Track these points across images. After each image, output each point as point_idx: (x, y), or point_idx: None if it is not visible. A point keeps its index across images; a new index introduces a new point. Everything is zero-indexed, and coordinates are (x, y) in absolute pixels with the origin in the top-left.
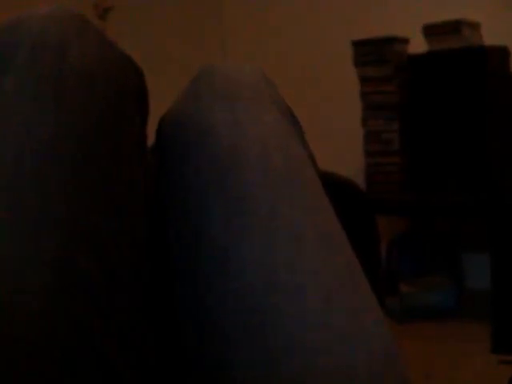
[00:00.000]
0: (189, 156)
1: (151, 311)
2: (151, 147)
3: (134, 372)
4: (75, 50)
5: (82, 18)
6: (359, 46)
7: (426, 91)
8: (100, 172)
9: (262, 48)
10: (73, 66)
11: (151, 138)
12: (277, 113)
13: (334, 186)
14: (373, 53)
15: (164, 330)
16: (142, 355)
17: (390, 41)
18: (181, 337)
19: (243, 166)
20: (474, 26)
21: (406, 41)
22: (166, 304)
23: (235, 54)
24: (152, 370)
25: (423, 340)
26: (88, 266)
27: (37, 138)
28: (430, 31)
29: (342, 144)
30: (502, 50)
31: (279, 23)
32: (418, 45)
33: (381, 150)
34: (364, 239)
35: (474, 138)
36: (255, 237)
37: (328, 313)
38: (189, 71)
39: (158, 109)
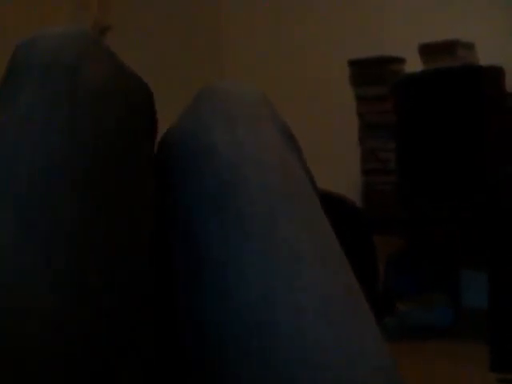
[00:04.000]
0: (189, 174)
1: (153, 322)
2: None
3: (134, 376)
4: (88, 68)
5: (94, 38)
6: (356, 65)
7: (421, 110)
8: (111, 188)
9: (260, 67)
10: (85, 84)
11: None
12: (276, 132)
13: (332, 204)
14: (369, 72)
15: (164, 342)
16: (143, 362)
17: (387, 60)
18: (180, 351)
19: (243, 185)
20: (470, 46)
21: (402, 60)
22: (166, 315)
23: (233, 74)
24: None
25: (421, 358)
26: (98, 278)
27: (50, 154)
28: (426, 51)
29: (339, 163)
30: (496, 70)
31: (277, 43)
32: (414, 64)
33: (377, 168)
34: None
35: (470, 157)
36: (254, 254)
37: (327, 330)
38: (187, 90)
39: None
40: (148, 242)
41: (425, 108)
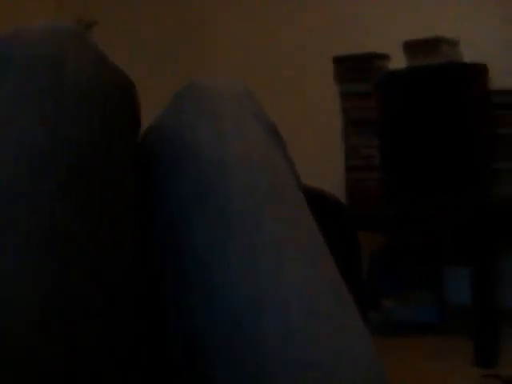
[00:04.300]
0: (172, 171)
1: (145, 322)
2: None
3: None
4: (71, 62)
5: (78, 32)
6: (340, 62)
7: (405, 107)
8: (95, 186)
9: (244, 63)
10: (69, 78)
11: None
12: (260, 128)
13: (316, 200)
14: (353, 69)
15: (154, 342)
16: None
17: (371, 57)
18: (170, 351)
19: (227, 182)
20: (453, 43)
21: (386, 57)
22: (155, 316)
23: (217, 68)
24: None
25: (406, 354)
26: (83, 277)
27: (33, 151)
28: (410, 48)
29: (323, 159)
30: (480, 67)
31: (260, 39)
32: (399, 61)
33: (361, 165)
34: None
35: (453, 153)
36: (239, 252)
37: (313, 327)
38: (171, 86)
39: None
40: (132, 242)
41: (409, 104)
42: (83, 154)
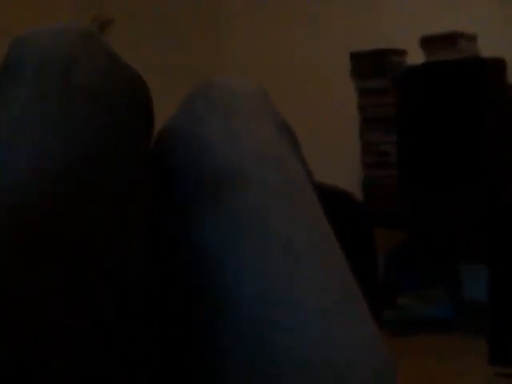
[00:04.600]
0: (185, 170)
1: (151, 324)
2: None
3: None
4: (82, 63)
5: (90, 32)
6: (357, 58)
7: (423, 103)
8: (105, 186)
9: (260, 60)
10: (80, 79)
11: None
12: (273, 127)
13: (332, 197)
14: (370, 65)
15: (165, 342)
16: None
17: (388, 53)
18: (181, 350)
19: (239, 179)
20: (471, 38)
21: (403, 52)
22: (163, 317)
23: (233, 66)
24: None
25: (421, 352)
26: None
27: (45, 154)
28: (427, 43)
29: (340, 156)
30: (498, 62)
31: (277, 35)
32: (416, 57)
33: (378, 161)
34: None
35: (471, 149)
36: (252, 250)
37: (326, 327)
38: (187, 84)
39: (156, 121)
40: (144, 242)
41: (427, 100)
42: (94, 155)
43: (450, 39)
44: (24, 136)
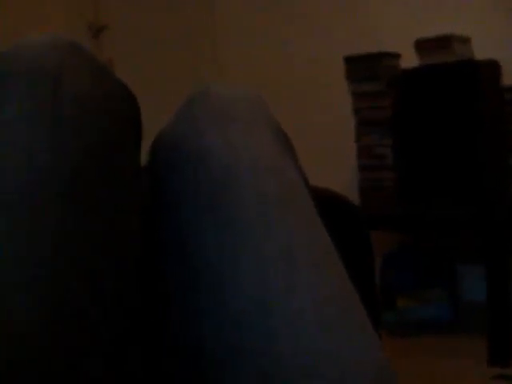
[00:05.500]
0: (182, 178)
1: (142, 337)
2: (144, 168)
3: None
4: (70, 77)
5: (76, 45)
6: (351, 61)
7: (418, 106)
8: (95, 199)
9: (255, 65)
10: (68, 92)
11: (143, 158)
12: (270, 135)
13: (328, 201)
14: (365, 68)
15: (155, 357)
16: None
17: (382, 56)
18: (176, 355)
19: (237, 189)
20: (465, 41)
21: (397, 56)
22: (157, 330)
23: (229, 72)
24: None
25: (420, 353)
26: (83, 291)
27: (33, 167)
28: (422, 46)
29: (336, 159)
30: (492, 64)
31: (272, 40)
32: (410, 60)
33: (374, 164)
34: (358, 254)
35: (466, 151)
36: (250, 261)
37: (323, 337)
38: (182, 90)
39: (150, 129)
40: (138, 253)
41: (422, 103)
42: (82, 166)
43: (444, 42)
44: (12, 149)
